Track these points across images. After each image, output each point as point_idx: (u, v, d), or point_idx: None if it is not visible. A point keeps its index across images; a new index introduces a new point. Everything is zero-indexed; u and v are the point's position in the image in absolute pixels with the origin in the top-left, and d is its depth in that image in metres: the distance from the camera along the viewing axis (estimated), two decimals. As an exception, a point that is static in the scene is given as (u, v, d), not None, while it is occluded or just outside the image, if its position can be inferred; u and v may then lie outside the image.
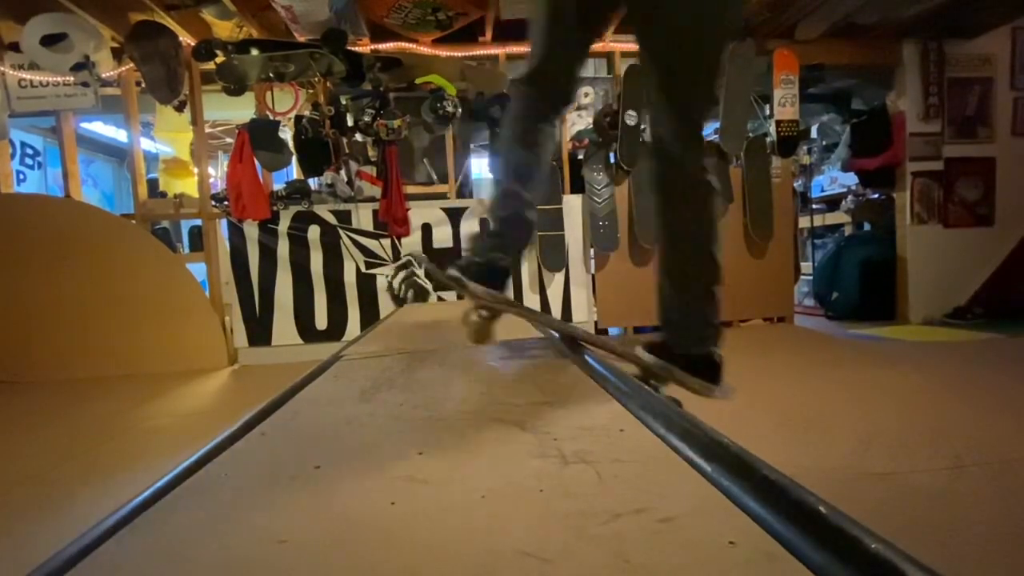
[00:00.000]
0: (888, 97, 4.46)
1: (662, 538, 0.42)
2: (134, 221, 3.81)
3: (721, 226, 1.13)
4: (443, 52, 4.00)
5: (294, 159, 3.87)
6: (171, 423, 2.50)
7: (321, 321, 3.86)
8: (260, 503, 0.54)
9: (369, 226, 3.89)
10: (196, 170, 4.05)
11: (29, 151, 5.33)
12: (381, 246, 3.91)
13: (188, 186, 4.63)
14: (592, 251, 4.11)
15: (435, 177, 4.31)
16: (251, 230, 3.76)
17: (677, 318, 1.14)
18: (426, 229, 3.95)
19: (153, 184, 4.87)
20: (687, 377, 1.10)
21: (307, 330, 3.85)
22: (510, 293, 4.30)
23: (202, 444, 0.72)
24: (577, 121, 4.32)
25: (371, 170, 3.94)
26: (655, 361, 1.12)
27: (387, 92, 3.70)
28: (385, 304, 3.91)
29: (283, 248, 3.80)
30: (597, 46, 4.20)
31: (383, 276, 3.92)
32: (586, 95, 4.33)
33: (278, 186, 3.90)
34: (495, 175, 1.27)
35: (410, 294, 3.98)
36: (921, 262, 4.31)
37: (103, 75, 3.53)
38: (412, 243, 3.94)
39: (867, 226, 4.94)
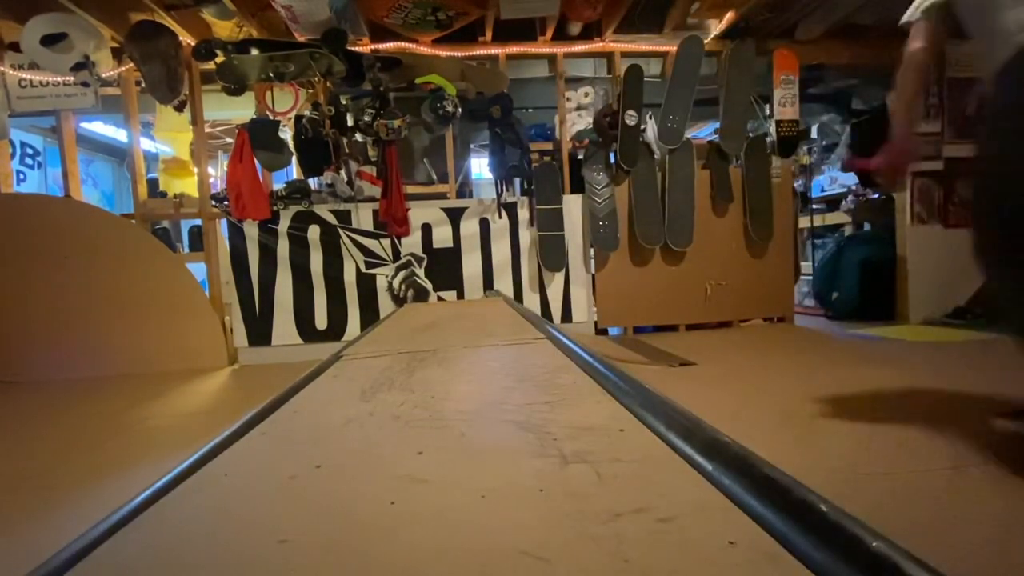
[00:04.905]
0: (888, 97, 4.46)
1: (662, 538, 0.42)
2: (134, 221, 3.81)
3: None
4: (443, 52, 4.00)
5: (294, 159, 3.87)
6: (171, 423, 2.49)
7: (321, 321, 3.86)
8: (260, 503, 0.54)
9: (369, 226, 3.89)
10: (196, 170, 4.04)
11: (29, 151, 5.33)
12: (381, 246, 3.91)
13: (188, 186, 4.64)
14: (592, 251, 4.12)
15: (435, 177, 4.31)
16: (251, 230, 3.76)
17: None
18: (426, 229, 3.95)
19: (153, 184, 4.87)
20: None
21: (307, 330, 3.85)
22: (511, 294, 4.21)
23: (202, 444, 0.72)
24: (577, 121, 4.32)
25: (371, 170, 3.94)
26: None
27: (387, 92, 3.69)
28: (385, 304, 3.91)
29: (283, 248, 3.80)
30: (597, 46, 4.21)
31: (383, 276, 3.92)
32: (586, 95, 4.33)
33: (278, 186, 3.90)
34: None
35: (410, 294, 3.98)
36: (921, 262, 4.31)
37: (103, 75, 3.53)
38: (412, 243, 3.94)
39: (867, 226, 4.94)
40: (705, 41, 4.06)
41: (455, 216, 3.97)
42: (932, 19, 1.50)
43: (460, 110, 3.71)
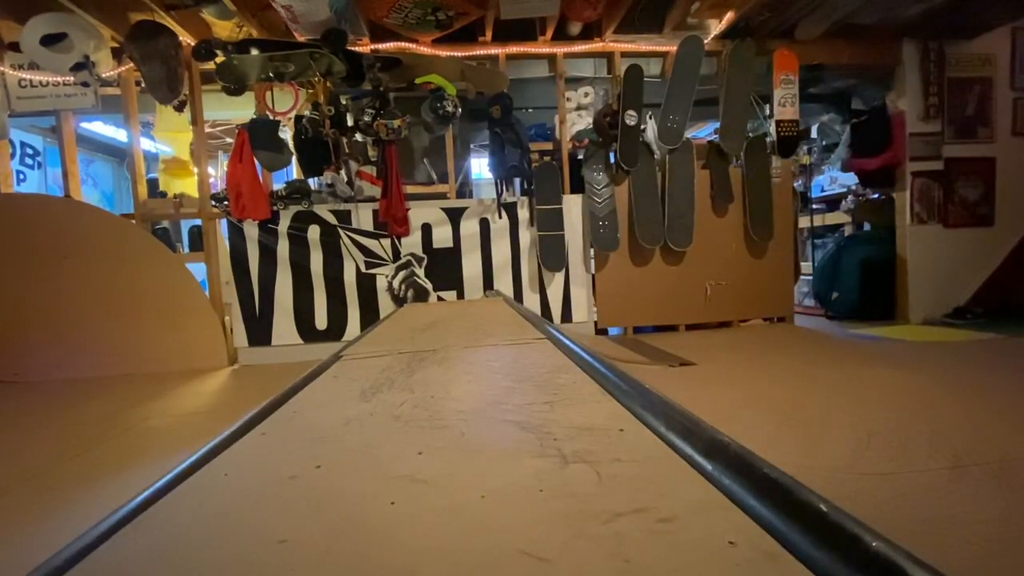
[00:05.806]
0: (888, 97, 4.47)
1: (662, 538, 0.42)
2: (134, 221, 3.81)
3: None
4: (443, 52, 4.00)
5: (294, 159, 3.87)
6: (171, 423, 2.49)
7: (321, 321, 3.87)
8: (260, 503, 0.54)
9: (369, 226, 3.89)
10: (196, 170, 4.04)
11: (29, 151, 5.33)
12: (381, 246, 3.91)
13: (188, 186, 4.63)
14: (592, 251, 4.12)
15: (435, 177, 4.31)
16: (251, 230, 3.76)
17: None
18: (426, 229, 3.95)
19: (153, 184, 4.86)
20: None
21: (307, 330, 3.85)
22: (511, 294, 4.23)
23: (202, 444, 0.72)
24: (577, 121, 4.32)
25: (371, 170, 3.94)
26: None
27: (387, 92, 3.69)
28: (385, 304, 3.91)
29: (283, 248, 3.80)
30: (597, 46, 4.21)
31: (383, 276, 3.92)
32: (586, 95, 4.32)
33: (278, 186, 3.90)
34: None
35: (410, 294, 3.98)
36: (921, 262, 4.31)
37: (103, 75, 3.53)
38: (412, 243, 3.94)
39: (867, 226, 4.94)
40: (705, 41, 4.06)
41: (455, 216, 3.97)
42: None
43: (460, 110, 3.71)
